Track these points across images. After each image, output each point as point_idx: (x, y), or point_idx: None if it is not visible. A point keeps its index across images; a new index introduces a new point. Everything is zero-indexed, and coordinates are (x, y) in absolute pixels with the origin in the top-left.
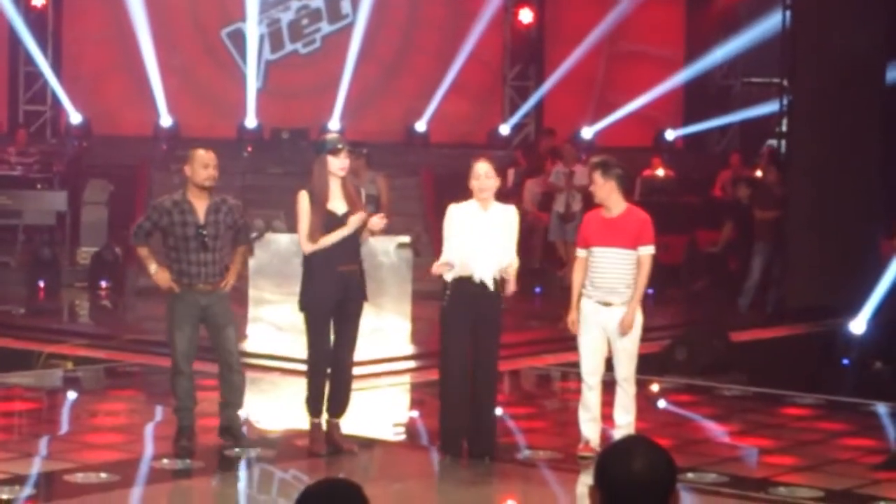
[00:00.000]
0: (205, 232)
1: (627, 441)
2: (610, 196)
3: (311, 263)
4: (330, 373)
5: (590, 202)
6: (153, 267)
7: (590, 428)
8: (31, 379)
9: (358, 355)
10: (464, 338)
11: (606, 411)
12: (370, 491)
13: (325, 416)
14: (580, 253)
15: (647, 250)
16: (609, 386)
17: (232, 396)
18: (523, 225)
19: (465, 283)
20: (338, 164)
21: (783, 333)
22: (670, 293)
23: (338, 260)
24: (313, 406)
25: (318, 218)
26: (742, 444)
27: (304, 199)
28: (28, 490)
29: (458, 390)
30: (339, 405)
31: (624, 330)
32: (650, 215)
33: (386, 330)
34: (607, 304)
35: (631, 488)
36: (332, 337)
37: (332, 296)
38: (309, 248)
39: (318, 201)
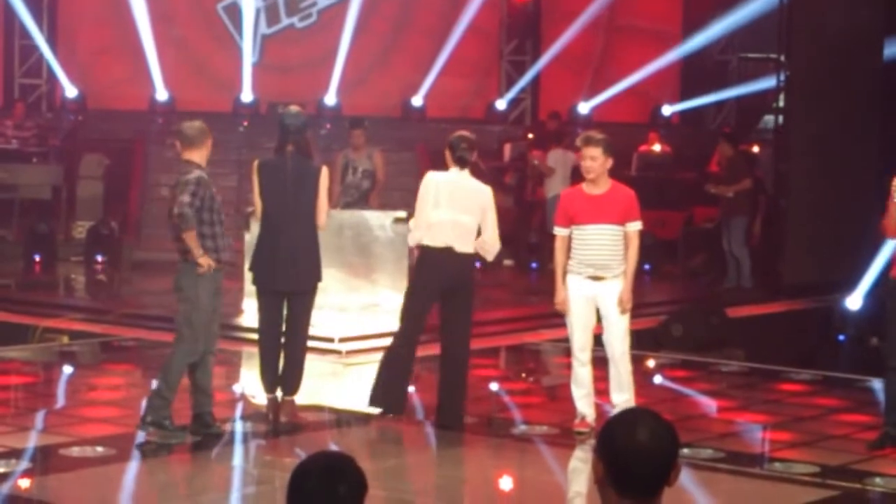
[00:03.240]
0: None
1: (631, 412)
2: (605, 173)
3: None
4: (276, 345)
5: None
6: (200, 251)
7: (584, 403)
8: (27, 353)
9: (354, 330)
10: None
11: (601, 386)
12: (365, 465)
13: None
14: (561, 231)
15: (636, 226)
16: (602, 363)
17: (206, 381)
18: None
19: None
20: None
21: (779, 309)
22: (667, 269)
23: None
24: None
25: None
26: (738, 420)
27: None
28: (24, 464)
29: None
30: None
31: (624, 308)
32: (647, 191)
33: (381, 305)
34: (599, 279)
35: (634, 458)
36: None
37: None
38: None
39: None
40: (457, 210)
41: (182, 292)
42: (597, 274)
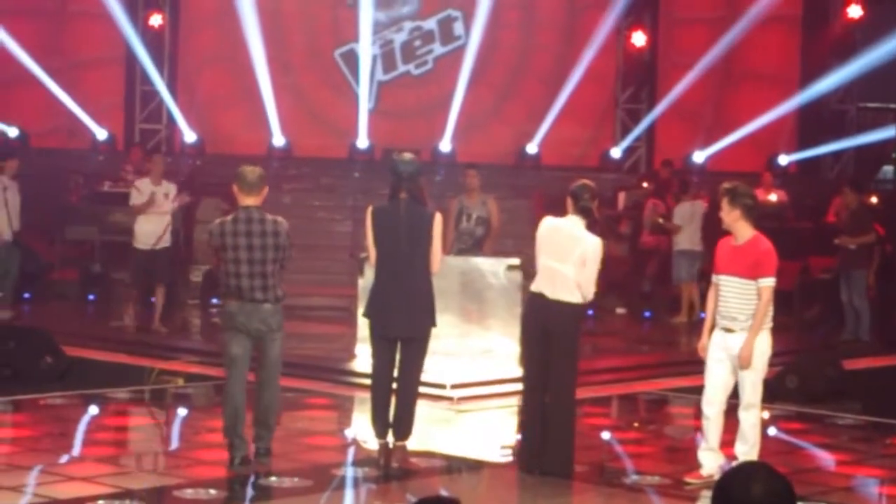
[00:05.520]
0: None
1: (747, 466)
2: (735, 223)
3: None
4: (388, 391)
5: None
6: None
7: (705, 456)
8: (143, 395)
9: (467, 376)
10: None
11: (728, 437)
12: None
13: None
14: (713, 279)
15: (765, 282)
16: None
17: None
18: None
19: None
20: None
21: None
22: (782, 320)
23: None
24: None
25: None
26: (854, 474)
27: None
28: None
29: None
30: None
31: (742, 363)
32: None
33: (494, 352)
34: (729, 331)
35: None
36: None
37: None
38: None
39: None
40: (554, 257)
41: (280, 332)
42: (726, 325)
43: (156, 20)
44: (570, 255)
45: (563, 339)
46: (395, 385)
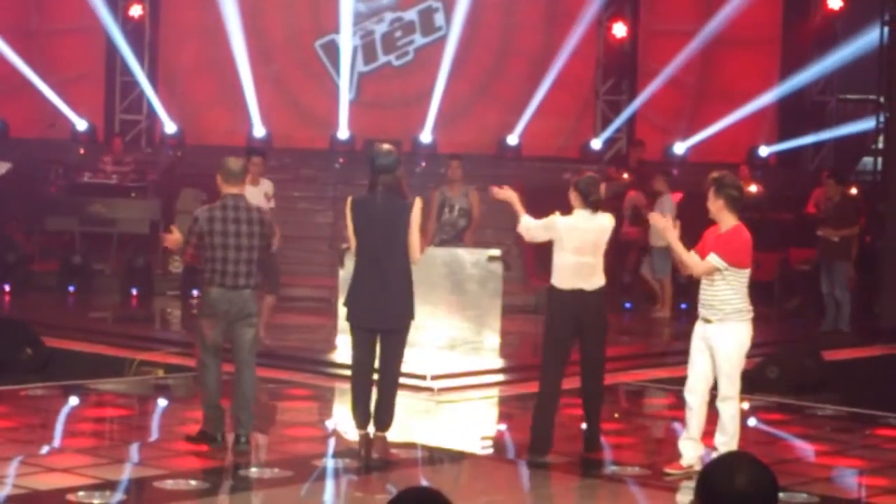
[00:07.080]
0: None
1: (731, 456)
2: (719, 213)
3: None
4: (368, 381)
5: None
6: None
7: (685, 446)
8: (123, 386)
9: (447, 367)
10: None
11: (710, 428)
12: None
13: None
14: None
15: (712, 258)
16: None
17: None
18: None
19: None
20: None
21: (876, 353)
22: (762, 311)
23: None
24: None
25: None
26: (833, 465)
27: None
28: (118, 496)
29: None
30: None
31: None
32: None
33: (474, 342)
34: (708, 321)
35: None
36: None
37: None
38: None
39: None
40: (583, 253)
41: (255, 317)
42: (705, 315)
43: (136, 11)
44: (599, 247)
45: (600, 322)
46: (375, 376)
